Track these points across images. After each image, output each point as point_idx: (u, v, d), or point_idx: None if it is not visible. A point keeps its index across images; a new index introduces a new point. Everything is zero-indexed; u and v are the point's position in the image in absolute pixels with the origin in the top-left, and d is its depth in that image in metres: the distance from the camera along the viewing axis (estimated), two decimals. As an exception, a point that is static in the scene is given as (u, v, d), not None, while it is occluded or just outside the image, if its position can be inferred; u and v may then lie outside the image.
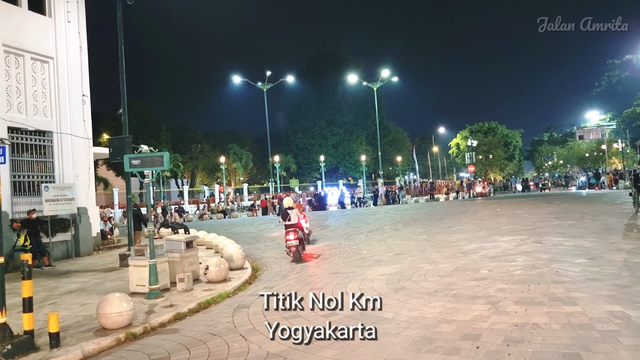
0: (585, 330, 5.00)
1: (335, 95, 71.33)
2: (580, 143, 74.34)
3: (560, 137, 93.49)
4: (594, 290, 6.45)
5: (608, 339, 4.70)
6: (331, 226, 18.80)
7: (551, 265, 8.25)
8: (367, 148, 69.47)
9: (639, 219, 13.94)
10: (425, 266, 9.19)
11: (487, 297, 6.52)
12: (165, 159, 8.01)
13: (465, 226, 15.17)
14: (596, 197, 24.26)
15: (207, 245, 15.11)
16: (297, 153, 71.13)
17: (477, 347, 4.74)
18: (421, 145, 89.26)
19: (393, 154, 73.12)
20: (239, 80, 49.26)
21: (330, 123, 71.30)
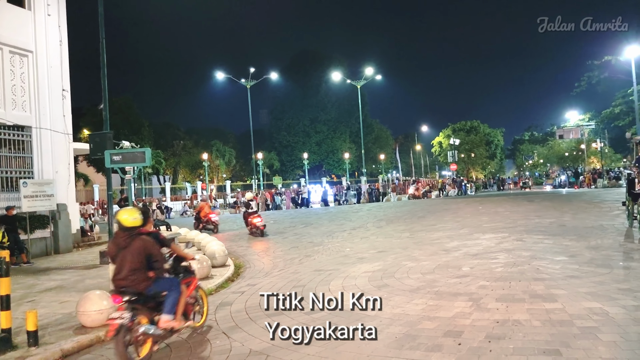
0: (565, 326, 5.06)
1: (318, 93, 71.34)
2: (560, 142, 75.36)
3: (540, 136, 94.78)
4: (574, 287, 6.54)
5: (587, 335, 4.77)
6: (314, 223, 18.80)
7: (532, 263, 8.35)
8: (351, 146, 69.64)
9: (635, 233, 10.96)
10: (407, 263, 9.23)
11: (469, 294, 6.57)
12: (147, 155, 7.93)
13: (448, 224, 15.29)
14: (575, 195, 24.64)
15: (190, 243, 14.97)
16: (281, 150, 71.03)
17: (459, 344, 4.78)
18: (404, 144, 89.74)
19: (376, 152, 73.40)
20: (222, 77, 48.94)
21: (314, 120, 71.31)
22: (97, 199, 37.87)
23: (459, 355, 4.49)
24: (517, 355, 4.39)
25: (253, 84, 47.95)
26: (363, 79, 51.40)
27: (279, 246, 13.63)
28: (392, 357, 4.59)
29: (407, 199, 38.13)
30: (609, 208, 15.80)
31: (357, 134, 60.55)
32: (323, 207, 33.63)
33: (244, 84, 47.51)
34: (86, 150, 15.63)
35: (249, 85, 47.24)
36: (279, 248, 13.26)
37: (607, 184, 36.77)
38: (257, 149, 51.22)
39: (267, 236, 15.98)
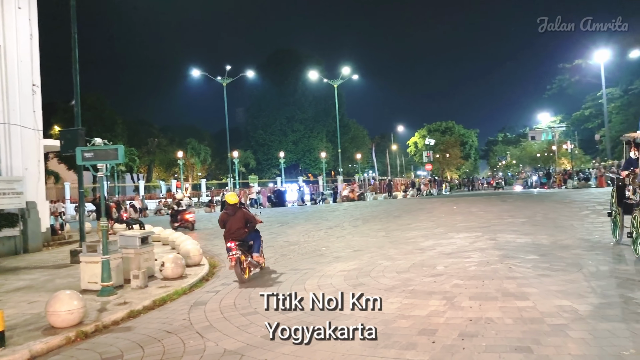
0: (536, 324, 5.15)
1: (295, 92, 71.20)
2: (532, 144, 76.76)
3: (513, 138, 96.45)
4: (545, 286, 6.66)
5: (557, 332, 4.86)
6: (290, 222, 18.77)
7: (504, 262, 8.48)
8: (327, 145, 69.70)
9: (625, 251, 8.88)
10: (383, 262, 9.28)
11: (443, 293, 6.64)
12: (120, 152, 7.79)
13: (423, 223, 15.42)
14: (547, 196, 25.13)
15: (164, 242, 14.81)
16: (257, 149, 70.69)
17: (433, 342, 4.82)
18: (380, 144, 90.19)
19: (353, 152, 73.66)
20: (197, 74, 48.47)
21: (291, 119, 71.15)
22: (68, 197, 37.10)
23: (433, 354, 4.53)
24: (489, 353, 4.45)
25: (229, 81, 47.67)
26: (340, 79, 51.55)
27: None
28: (367, 356, 4.60)
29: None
30: (579, 208, 16.15)
31: (334, 134, 60.68)
32: (299, 206, 33.59)
33: (220, 82, 47.15)
34: (57, 147, 15.29)
35: (225, 83, 46.92)
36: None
37: (577, 184, 37.58)
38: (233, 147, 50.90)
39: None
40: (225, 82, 46.90)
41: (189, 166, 61.07)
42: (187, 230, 18.09)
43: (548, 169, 57.12)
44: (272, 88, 70.74)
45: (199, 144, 62.40)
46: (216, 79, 47.51)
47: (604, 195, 20.15)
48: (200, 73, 48.56)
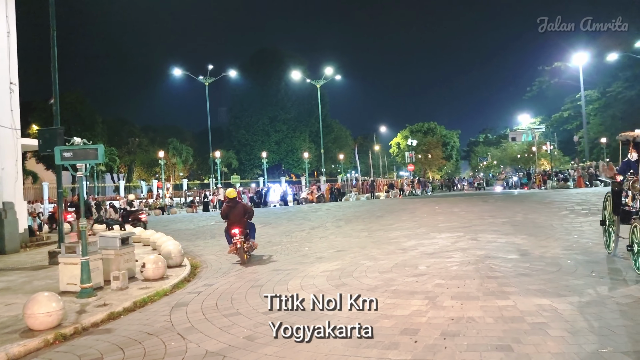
0: (516, 323, 5.21)
1: (278, 92, 71.09)
2: (512, 145, 77.81)
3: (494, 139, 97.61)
4: (525, 285, 6.74)
5: (537, 331, 4.92)
6: (273, 223, 18.72)
7: (486, 261, 8.57)
8: (310, 145, 69.72)
9: (620, 263, 8.20)
10: (366, 262, 9.31)
11: (425, 293, 6.68)
12: (100, 152, 7.68)
13: (405, 223, 15.50)
14: (527, 196, 25.45)
15: (145, 242, 14.65)
16: (239, 149, 70.41)
17: (415, 342, 4.84)
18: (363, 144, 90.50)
19: (336, 152, 73.76)
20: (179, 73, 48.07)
21: (273, 119, 71.01)
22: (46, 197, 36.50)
23: (415, 353, 4.55)
24: (471, 352, 4.49)
25: (211, 81, 47.38)
26: (323, 79, 51.58)
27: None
28: (350, 356, 4.61)
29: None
30: (558, 208, 16.38)
31: (317, 134, 60.70)
32: (282, 207, 33.53)
33: (202, 81, 46.84)
34: (35, 147, 15.02)
35: (207, 82, 46.63)
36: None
37: (556, 185, 38.13)
38: (215, 147, 50.61)
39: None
40: (207, 82, 46.61)
41: (171, 166, 60.57)
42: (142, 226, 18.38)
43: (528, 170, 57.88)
44: (255, 88, 70.53)
45: (181, 144, 61.95)
46: (198, 79, 47.20)
47: (582, 195, 20.48)
48: (182, 72, 48.19)
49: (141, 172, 63.32)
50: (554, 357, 4.26)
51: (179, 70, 48.03)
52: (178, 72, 48.10)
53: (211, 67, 47.16)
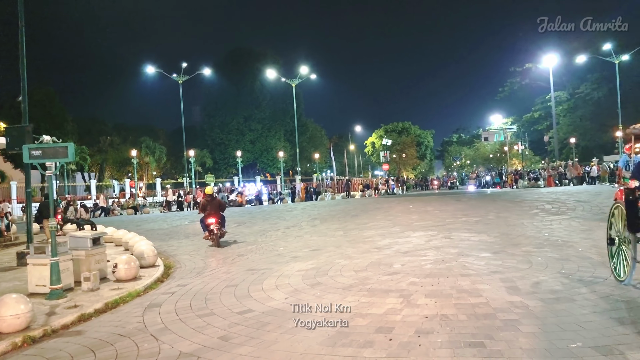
0: (489, 320, 5.29)
1: (253, 91, 70.74)
2: (485, 144, 78.92)
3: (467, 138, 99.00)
4: (497, 282, 6.85)
5: (509, 328, 5.00)
6: (247, 222, 18.62)
7: (459, 259, 8.68)
8: (285, 144, 69.59)
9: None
10: (341, 261, 9.33)
11: (399, 291, 6.73)
12: (70, 150, 7.51)
13: (380, 222, 15.59)
14: (499, 195, 25.86)
15: (117, 242, 14.41)
16: (214, 148, 69.83)
17: (390, 340, 4.87)
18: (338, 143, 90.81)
19: (311, 151, 73.78)
20: (152, 71, 47.37)
21: (248, 118, 70.65)
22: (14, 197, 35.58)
23: (390, 351, 4.58)
24: (444, 349, 4.54)
25: (185, 79, 46.81)
26: (298, 78, 51.51)
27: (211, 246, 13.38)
28: (325, 355, 4.61)
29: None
30: (529, 207, 16.68)
31: (292, 133, 60.62)
32: (257, 206, 33.37)
33: (175, 79, 46.28)
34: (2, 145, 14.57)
35: (181, 80, 46.07)
36: (210, 248, 13.01)
37: (527, 184, 38.85)
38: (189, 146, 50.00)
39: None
40: (181, 80, 46.04)
41: (144, 165, 59.69)
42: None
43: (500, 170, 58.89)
44: (230, 87, 70.05)
45: (154, 143, 61.10)
46: (172, 77, 46.60)
47: (552, 194, 20.91)
48: (155, 70, 47.48)
49: (113, 171, 62.22)
50: (525, 353, 4.34)
51: (152, 68, 47.32)
52: (151, 69, 47.37)
53: (185, 65, 46.61)
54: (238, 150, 57.64)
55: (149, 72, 48.13)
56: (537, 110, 70.42)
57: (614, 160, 42.67)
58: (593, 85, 59.51)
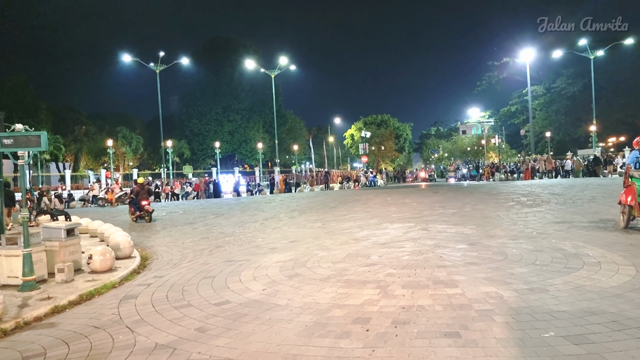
0: (464, 310, 5.36)
1: (232, 81, 70.22)
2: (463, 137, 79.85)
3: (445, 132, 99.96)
4: (473, 273, 6.94)
5: (483, 318, 5.08)
6: (226, 214, 18.51)
7: (436, 251, 8.76)
8: (264, 136, 69.32)
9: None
10: (319, 253, 9.35)
11: (377, 282, 6.77)
12: (43, 139, 7.35)
13: (358, 214, 15.66)
14: (476, 188, 26.18)
15: (92, 234, 14.21)
16: (192, 138, 69.22)
17: (367, 330, 4.90)
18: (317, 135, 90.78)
19: (290, 143, 73.69)
20: (129, 60, 46.56)
21: (227, 109, 70.14)
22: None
23: (367, 341, 4.61)
24: (420, 339, 4.58)
25: (162, 68, 46.15)
26: (277, 69, 51.21)
27: (189, 237, 13.29)
28: (302, 345, 4.62)
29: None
30: (505, 200, 16.93)
31: (271, 124, 60.38)
32: (235, 198, 33.20)
33: (152, 69, 45.61)
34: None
35: (159, 69, 45.43)
36: (188, 239, 12.92)
37: (503, 177, 39.41)
38: (166, 136, 49.42)
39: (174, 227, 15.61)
40: (158, 69, 45.39)
41: (120, 155, 58.87)
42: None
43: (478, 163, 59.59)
44: (208, 77, 69.38)
45: (131, 133, 60.24)
46: (149, 66, 45.89)
47: (527, 187, 21.26)
48: (131, 59, 46.68)
49: (88, 161, 61.20)
50: (500, 342, 4.41)
51: (129, 56, 46.52)
52: (127, 58, 46.57)
53: (162, 54, 45.92)
54: (216, 141, 57.20)
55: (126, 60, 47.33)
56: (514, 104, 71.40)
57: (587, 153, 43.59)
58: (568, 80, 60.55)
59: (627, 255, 7.70)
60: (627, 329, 4.58)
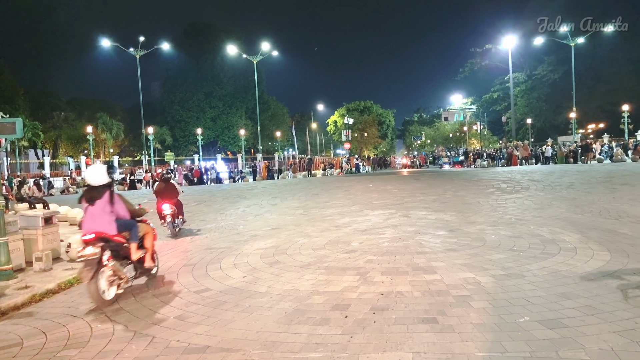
0: (442, 296, 5.43)
1: (214, 67, 69.51)
2: (445, 124, 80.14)
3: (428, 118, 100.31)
4: (451, 260, 7.03)
5: (461, 303, 5.16)
6: (207, 201, 18.43)
7: (415, 238, 8.84)
8: (247, 122, 68.89)
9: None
10: (300, 240, 9.37)
11: (357, 269, 6.82)
12: (19, 126, 7.22)
13: (340, 201, 15.70)
14: (457, 174, 26.39)
15: (71, 222, 14.03)
16: (173, 125, 68.51)
17: (345, 317, 4.94)
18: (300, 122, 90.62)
19: (272, 129, 73.37)
20: (108, 44, 45.77)
21: (209, 95, 69.51)
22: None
23: (345, 328, 4.65)
24: (398, 325, 4.64)
25: (143, 53, 45.50)
26: (260, 55, 50.79)
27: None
28: (281, 332, 4.64)
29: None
30: (485, 186, 17.10)
31: (254, 111, 59.97)
32: (217, 185, 33.04)
33: (132, 54, 44.91)
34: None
35: (139, 55, 44.75)
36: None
37: (485, 164, 39.77)
38: (147, 123, 48.82)
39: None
40: (138, 54, 44.72)
41: (100, 142, 57.97)
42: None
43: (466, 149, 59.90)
44: (189, 62, 68.57)
45: (111, 119, 59.26)
46: (129, 51, 45.17)
47: (508, 174, 21.50)
48: (111, 44, 45.89)
49: (68, 148, 60.20)
50: (476, 327, 4.48)
51: (108, 41, 45.72)
52: (107, 43, 45.78)
53: (142, 39, 45.23)
54: (198, 128, 56.69)
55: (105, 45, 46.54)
56: (496, 90, 71.90)
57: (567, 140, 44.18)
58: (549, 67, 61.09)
59: (603, 241, 7.86)
60: (599, 313, 4.69)
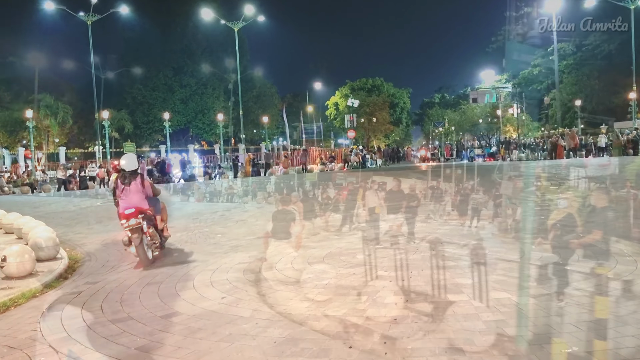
0: (470, 321, 5.47)
1: (184, 36, 69.49)
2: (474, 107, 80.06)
3: (452, 99, 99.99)
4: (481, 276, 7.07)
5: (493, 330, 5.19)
6: (177, 203, 18.48)
7: (437, 248, 8.89)
8: (226, 105, 68.95)
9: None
10: (292, 251, 9.40)
11: (363, 287, 6.87)
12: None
13: (342, 202, 15.74)
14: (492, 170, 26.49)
15: (7, 229, 14.05)
16: (134, 108, 68.50)
17: (350, 347, 4.96)
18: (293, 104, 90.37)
19: (258, 113, 73.25)
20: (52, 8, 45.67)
21: (179, 71, 69.52)
22: None
23: (349, 361, 4.68)
24: (415, 358, 4.66)
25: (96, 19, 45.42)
26: (242, 21, 50.82)
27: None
28: (270, 365, 4.67)
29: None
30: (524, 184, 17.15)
31: (235, 91, 60.09)
32: (190, 182, 33.08)
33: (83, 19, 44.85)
34: None
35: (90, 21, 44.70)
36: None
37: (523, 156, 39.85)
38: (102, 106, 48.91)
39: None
40: (90, 21, 44.67)
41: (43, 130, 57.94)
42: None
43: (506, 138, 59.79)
44: (154, 30, 68.44)
45: (56, 101, 59.16)
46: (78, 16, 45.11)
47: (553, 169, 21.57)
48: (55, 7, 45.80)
49: (3, 137, 60.20)
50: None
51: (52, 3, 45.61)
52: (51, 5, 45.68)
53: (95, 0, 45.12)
54: (165, 112, 56.76)
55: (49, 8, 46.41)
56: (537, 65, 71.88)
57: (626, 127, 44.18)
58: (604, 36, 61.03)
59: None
60: None
